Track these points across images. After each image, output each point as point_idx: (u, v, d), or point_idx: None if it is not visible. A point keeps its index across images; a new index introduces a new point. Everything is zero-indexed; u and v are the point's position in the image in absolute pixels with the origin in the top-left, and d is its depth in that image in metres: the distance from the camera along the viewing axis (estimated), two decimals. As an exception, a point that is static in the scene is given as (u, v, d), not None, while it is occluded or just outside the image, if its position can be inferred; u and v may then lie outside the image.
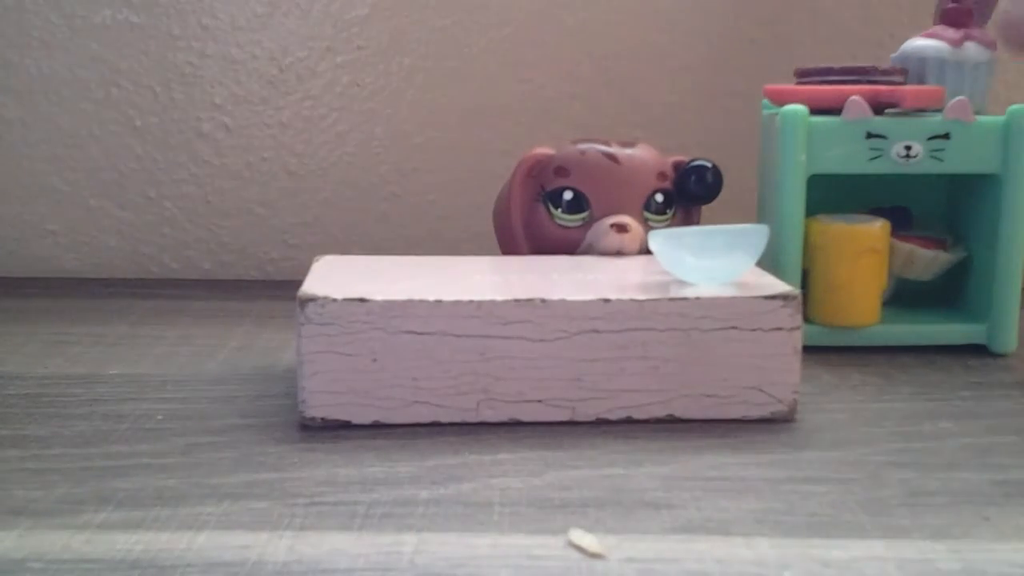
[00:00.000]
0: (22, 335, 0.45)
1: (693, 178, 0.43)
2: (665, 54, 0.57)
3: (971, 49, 0.44)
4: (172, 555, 0.25)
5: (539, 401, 0.34)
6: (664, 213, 0.43)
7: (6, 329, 0.46)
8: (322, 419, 0.34)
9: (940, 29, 0.45)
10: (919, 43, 0.45)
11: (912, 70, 0.45)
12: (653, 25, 0.57)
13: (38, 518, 0.27)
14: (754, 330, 0.34)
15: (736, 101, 0.57)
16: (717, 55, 0.57)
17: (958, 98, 0.42)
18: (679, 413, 0.35)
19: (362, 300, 0.33)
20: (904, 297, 0.46)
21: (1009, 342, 0.43)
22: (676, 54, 0.58)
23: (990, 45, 0.44)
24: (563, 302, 0.34)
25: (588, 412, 0.34)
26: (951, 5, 0.45)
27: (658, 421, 0.35)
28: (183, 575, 0.25)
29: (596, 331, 0.34)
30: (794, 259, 0.42)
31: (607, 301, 0.34)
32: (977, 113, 0.43)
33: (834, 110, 0.42)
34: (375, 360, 0.34)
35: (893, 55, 0.46)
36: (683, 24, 0.57)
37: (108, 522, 0.27)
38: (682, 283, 0.36)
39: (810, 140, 0.42)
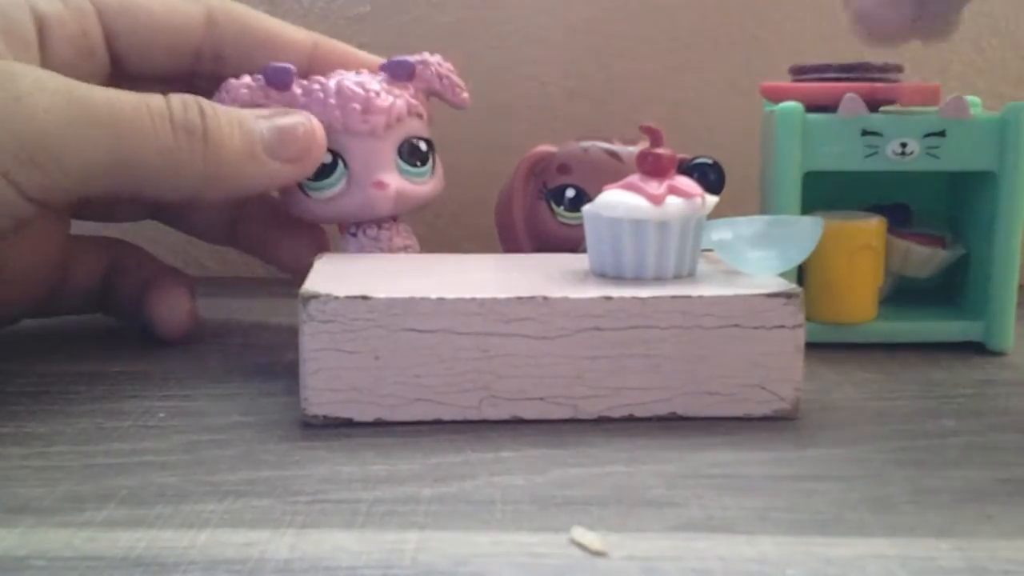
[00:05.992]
0: (23, 333, 0.45)
1: (695, 176, 0.42)
2: (668, 51, 0.57)
3: (675, 206, 0.35)
4: (174, 553, 0.25)
5: (541, 399, 0.34)
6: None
7: (7, 327, 0.46)
8: (324, 417, 0.34)
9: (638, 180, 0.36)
10: (611, 198, 0.36)
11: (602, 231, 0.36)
12: (656, 22, 0.57)
13: (40, 516, 0.27)
14: (756, 328, 0.34)
15: (739, 99, 0.57)
16: (720, 53, 0.57)
17: (954, 95, 0.42)
18: (681, 411, 0.35)
19: (364, 298, 0.33)
20: (903, 294, 0.46)
21: (1006, 340, 0.43)
22: (679, 51, 0.57)
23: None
24: (565, 300, 0.34)
25: (590, 410, 0.34)
26: (650, 150, 0.36)
27: (660, 419, 0.35)
28: (185, 572, 0.25)
29: (598, 329, 0.34)
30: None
31: (609, 299, 0.34)
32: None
33: (830, 107, 0.42)
34: (377, 358, 0.33)
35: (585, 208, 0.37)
36: (686, 21, 0.57)
37: (110, 520, 0.27)
38: (684, 282, 0.36)
39: (805, 137, 0.42)
